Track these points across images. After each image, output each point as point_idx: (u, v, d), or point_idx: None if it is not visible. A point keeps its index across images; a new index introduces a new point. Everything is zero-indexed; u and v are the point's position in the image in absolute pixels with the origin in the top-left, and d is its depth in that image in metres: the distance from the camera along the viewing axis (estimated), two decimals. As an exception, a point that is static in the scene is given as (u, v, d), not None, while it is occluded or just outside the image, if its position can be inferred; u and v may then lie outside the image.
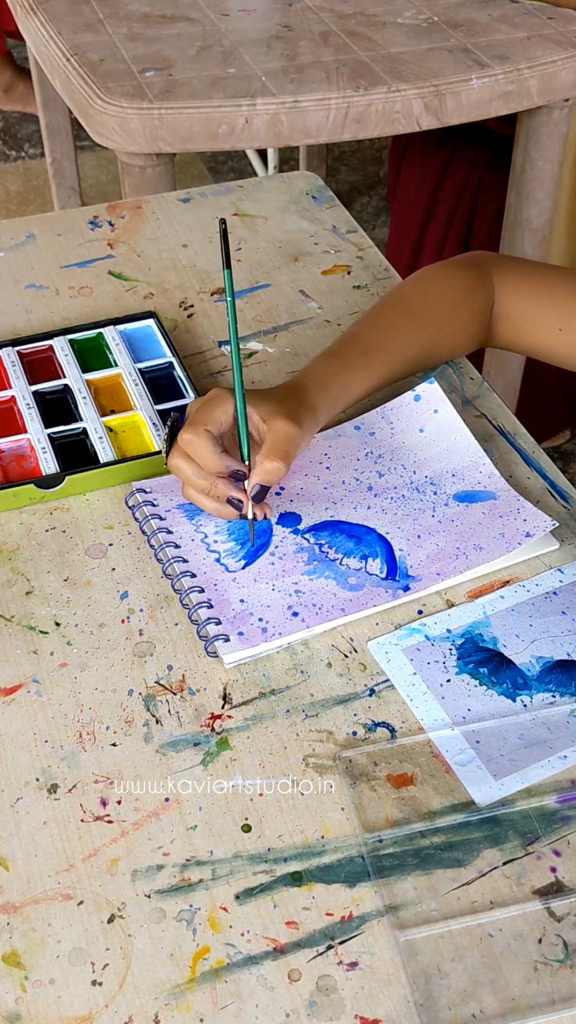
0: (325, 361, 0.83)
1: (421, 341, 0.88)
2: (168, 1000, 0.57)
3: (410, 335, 0.88)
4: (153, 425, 0.86)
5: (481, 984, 0.58)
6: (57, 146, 2.18)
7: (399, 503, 0.82)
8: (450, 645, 0.73)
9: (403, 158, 2.06)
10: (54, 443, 0.85)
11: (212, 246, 1.08)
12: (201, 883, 0.61)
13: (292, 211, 1.12)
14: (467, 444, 0.85)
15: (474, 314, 0.90)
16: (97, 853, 0.63)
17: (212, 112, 1.40)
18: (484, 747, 0.67)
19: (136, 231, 1.10)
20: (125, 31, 1.55)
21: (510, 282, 0.90)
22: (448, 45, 1.44)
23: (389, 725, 0.69)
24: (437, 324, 0.89)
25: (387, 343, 0.86)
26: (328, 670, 0.72)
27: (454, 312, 0.89)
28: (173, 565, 0.77)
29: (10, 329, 0.97)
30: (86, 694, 0.70)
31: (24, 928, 0.60)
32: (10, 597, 0.76)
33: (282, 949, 0.59)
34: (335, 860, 0.62)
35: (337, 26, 1.54)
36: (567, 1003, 0.57)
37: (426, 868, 0.62)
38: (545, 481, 0.84)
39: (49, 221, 1.11)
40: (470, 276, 0.90)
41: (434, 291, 0.89)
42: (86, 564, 0.78)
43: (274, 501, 0.81)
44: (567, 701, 0.70)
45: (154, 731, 0.68)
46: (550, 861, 0.62)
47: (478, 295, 0.90)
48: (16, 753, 0.67)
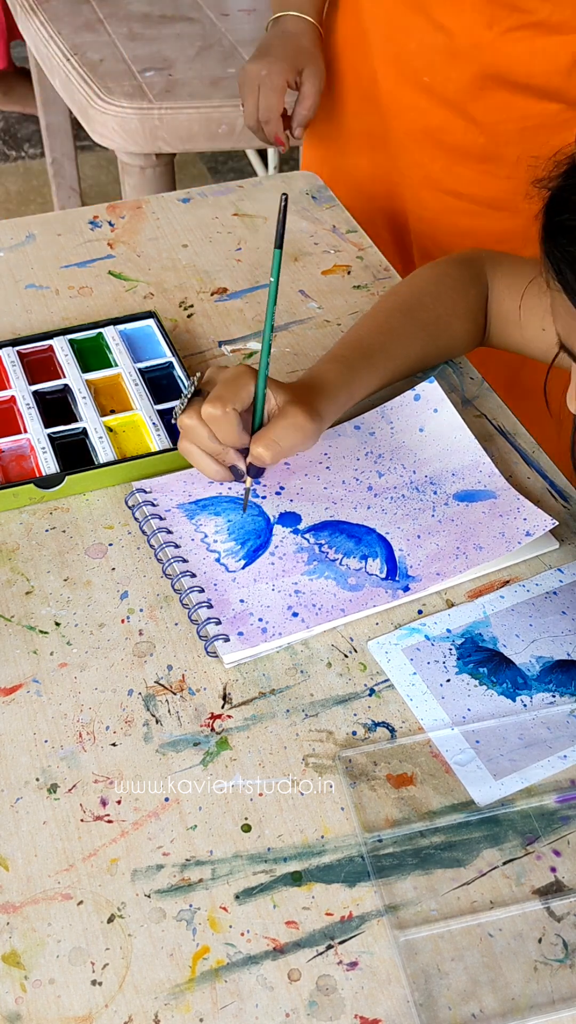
0: (330, 366, 0.83)
1: (421, 340, 0.89)
2: (168, 1000, 0.57)
3: (410, 335, 0.88)
4: (153, 425, 0.86)
5: (481, 984, 0.58)
6: (57, 146, 2.18)
7: (399, 503, 0.82)
8: (450, 645, 0.73)
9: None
10: (54, 443, 0.85)
11: (212, 246, 1.08)
12: (201, 883, 0.61)
13: (292, 211, 1.12)
14: (467, 443, 0.85)
15: (470, 312, 0.91)
16: (97, 853, 0.63)
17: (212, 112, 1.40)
18: (484, 747, 0.67)
19: (136, 231, 1.10)
20: (125, 31, 1.55)
21: (502, 279, 0.91)
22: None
23: (389, 725, 0.69)
24: (435, 323, 0.89)
25: (389, 345, 0.86)
26: (328, 670, 0.72)
27: (451, 310, 0.90)
28: (173, 565, 0.77)
29: (10, 329, 0.97)
30: (86, 694, 0.70)
31: (24, 928, 0.60)
32: (10, 597, 0.76)
33: (282, 949, 0.59)
34: (335, 860, 0.62)
35: (337, 26, 1.54)
36: (567, 1003, 0.57)
37: (426, 868, 0.62)
38: (545, 481, 0.84)
39: (49, 221, 1.11)
40: (465, 274, 0.91)
41: (430, 290, 0.90)
42: (86, 564, 0.78)
43: (274, 501, 0.81)
44: (567, 701, 0.70)
45: (154, 731, 0.68)
46: (550, 861, 0.62)
47: (473, 293, 0.90)
48: (16, 753, 0.67)
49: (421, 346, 0.89)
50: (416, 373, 0.91)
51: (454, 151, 1.14)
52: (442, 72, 1.10)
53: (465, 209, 1.16)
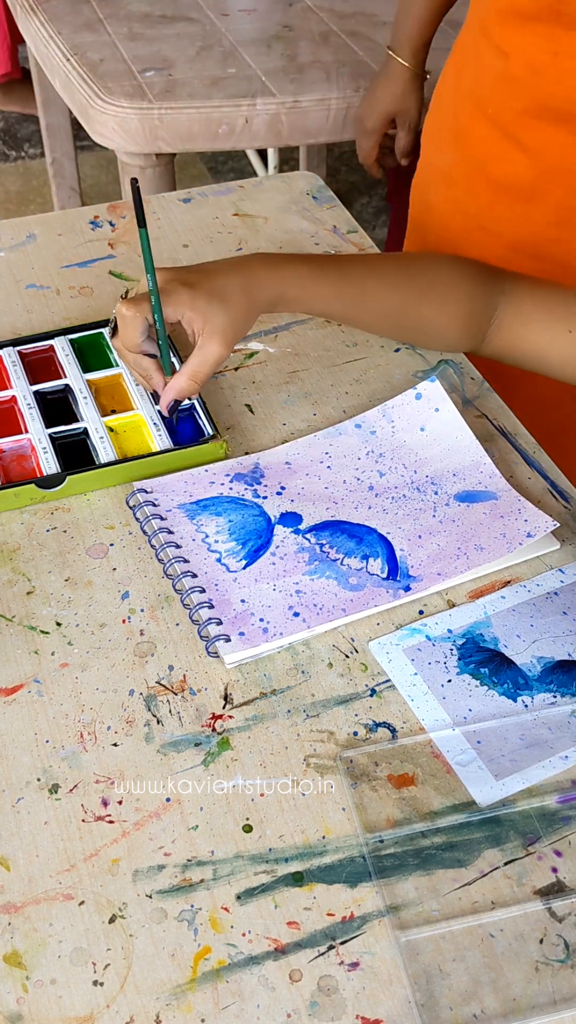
0: (298, 261, 0.83)
1: (402, 299, 0.86)
2: (169, 1000, 0.57)
3: (394, 287, 0.86)
4: (154, 425, 0.86)
5: (482, 984, 0.58)
6: (57, 146, 2.18)
7: (400, 503, 0.82)
8: (451, 645, 0.73)
9: (403, 158, 2.06)
10: (55, 443, 0.85)
11: (212, 246, 1.08)
12: (202, 883, 0.61)
13: (292, 211, 1.12)
14: (468, 444, 0.85)
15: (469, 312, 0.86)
16: (98, 853, 0.63)
17: (212, 112, 1.40)
18: (485, 747, 0.67)
19: (136, 231, 1.09)
20: (125, 31, 1.55)
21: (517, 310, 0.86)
22: (448, 45, 1.44)
23: (390, 725, 0.69)
24: (424, 293, 0.86)
25: (368, 281, 0.85)
26: (329, 670, 0.72)
27: (447, 292, 0.86)
28: (174, 565, 0.77)
29: (10, 329, 0.97)
30: (87, 694, 0.70)
31: (25, 928, 0.60)
32: (11, 597, 0.76)
33: (283, 949, 0.59)
34: (336, 860, 0.62)
35: (337, 26, 1.55)
36: (568, 1003, 0.57)
37: (427, 868, 0.62)
38: (546, 481, 0.84)
39: (49, 221, 1.11)
40: (482, 279, 0.86)
41: (438, 265, 0.87)
42: (87, 564, 0.78)
43: (275, 501, 0.81)
44: (568, 701, 0.70)
45: (155, 731, 0.68)
46: (551, 861, 0.62)
47: (478, 300, 0.86)
48: (17, 753, 0.67)
49: (400, 304, 0.86)
50: (385, 335, 0.89)
51: (499, 185, 1.09)
52: (498, 98, 1.06)
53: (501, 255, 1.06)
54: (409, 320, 0.88)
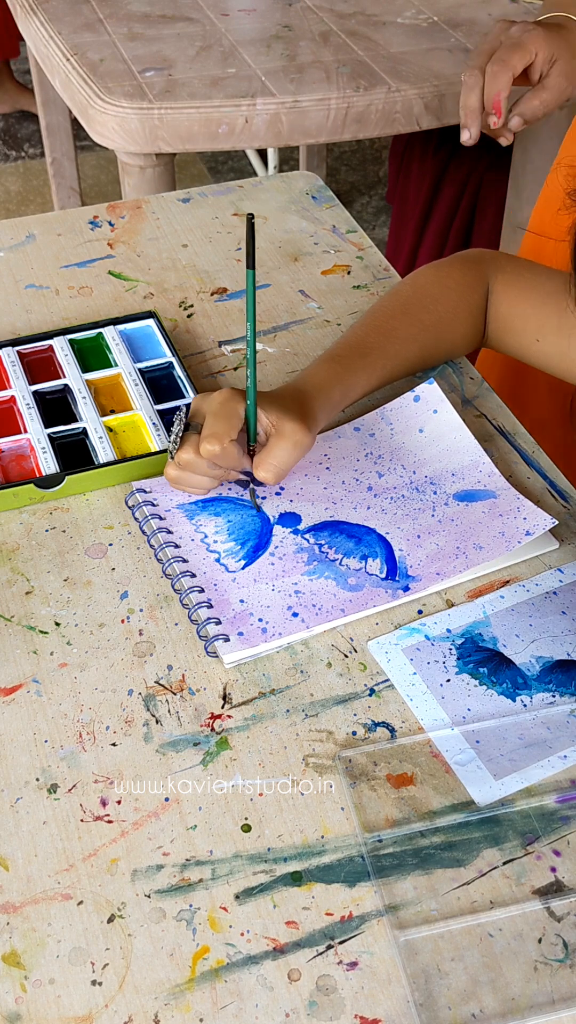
0: (326, 365, 0.83)
1: (420, 342, 0.89)
2: (168, 1000, 0.57)
3: (409, 336, 0.88)
4: (153, 425, 0.86)
5: (481, 984, 0.58)
6: (57, 146, 2.18)
7: (399, 503, 0.82)
8: (450, 645, 0.73)
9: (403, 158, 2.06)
10: (54, 443, 0.85)
11: (212, 246, 1.08)
12: (201, 883, 0.61)
13: (292, 211, 1.13)
14: (467, 443, 0.85)
15: (471, 314, 0.90)
16: (97, 853, 0.63)
17: (212, 112, 1.40)
18: (484, 747, 0.67)
19: (136, 231, 1.10)
20: (125, 31, 1.55)
21: (502, 284, 0.90)
22: (448, 45, 1.45)
23: (389, 725, 0.69)
24: (435, 324, 0.89)
25: (387, 345, 0.86)
26: (328, 670, 0.72)
27: (452, 312, 0.89)
28: (173, 565, 0.77)
29: (10, 329, 0.97)
30: (86, 694, 0.70)
31: (24, 928, 0.60)
32: (10, 597, 0.76)
33: (282, 949, 0.59)
34: (335, 860, 0.62)
35: (337, 26, 1.55)
36: (567, 1003, 0.57)
37: (426, 868, 0.62)
38: (545, 481, 0.84)
39: (49, 221, 1.11)
40: (467, 275, 0.90)
41: (432, 291, 0.90)
42: (86, 564, 0.78)
43: (274, 501, 0.81)
44: (567, 701, 0.70)
45: (154, 731, 0.68)
46: (550, 861, 0.62)
47: (475, 294, 0.90)
48: (16, 753, 0.67)
49: (420, 347, 0.89)
50: (416, 373, 0.91)
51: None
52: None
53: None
54: (438, 354, 0.92)
